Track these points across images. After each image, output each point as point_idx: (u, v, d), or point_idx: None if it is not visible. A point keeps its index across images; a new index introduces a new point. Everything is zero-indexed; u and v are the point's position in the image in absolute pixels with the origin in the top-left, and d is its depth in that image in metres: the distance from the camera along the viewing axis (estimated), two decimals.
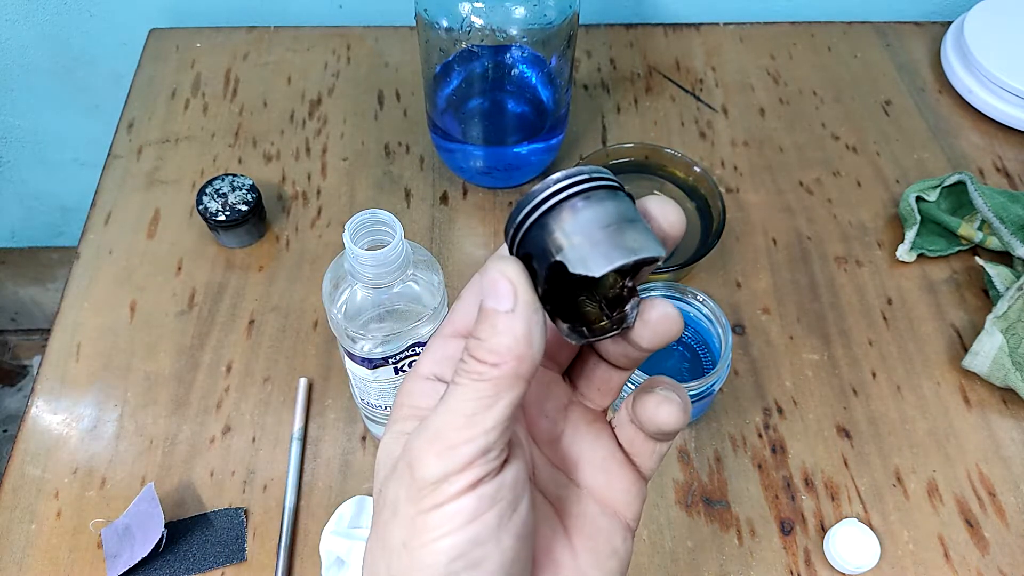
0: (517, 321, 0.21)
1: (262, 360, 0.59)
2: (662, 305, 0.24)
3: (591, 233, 0.21)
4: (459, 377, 0.22)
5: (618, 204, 0.22)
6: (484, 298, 0.22)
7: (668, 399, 0.25)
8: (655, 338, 0.24)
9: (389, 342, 0.44)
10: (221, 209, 0.62)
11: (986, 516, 0.53)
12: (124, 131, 0.73)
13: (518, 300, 0.21)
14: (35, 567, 0.50)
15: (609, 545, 0.26)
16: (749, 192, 0.70)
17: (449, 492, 0.21)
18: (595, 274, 0.21)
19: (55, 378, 0.58)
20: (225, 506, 0.53)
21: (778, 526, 0.53)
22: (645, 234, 0.22)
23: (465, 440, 0.21)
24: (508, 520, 0.22)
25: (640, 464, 0.27)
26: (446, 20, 0.56)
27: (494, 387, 0.21)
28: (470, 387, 0.21)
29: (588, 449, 0.27)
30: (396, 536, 0.22)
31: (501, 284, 0.21)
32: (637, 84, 0.78)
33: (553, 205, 0.22)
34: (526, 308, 0.21)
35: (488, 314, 0.21)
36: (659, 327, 0.24)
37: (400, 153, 0.72)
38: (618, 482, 0.26)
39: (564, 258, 0.21)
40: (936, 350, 0.61)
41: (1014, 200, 0.65)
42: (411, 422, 0.24)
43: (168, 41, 0.80)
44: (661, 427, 0.25)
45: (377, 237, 0.41)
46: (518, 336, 0.21)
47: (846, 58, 0.80)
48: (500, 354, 0.21)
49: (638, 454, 0.27)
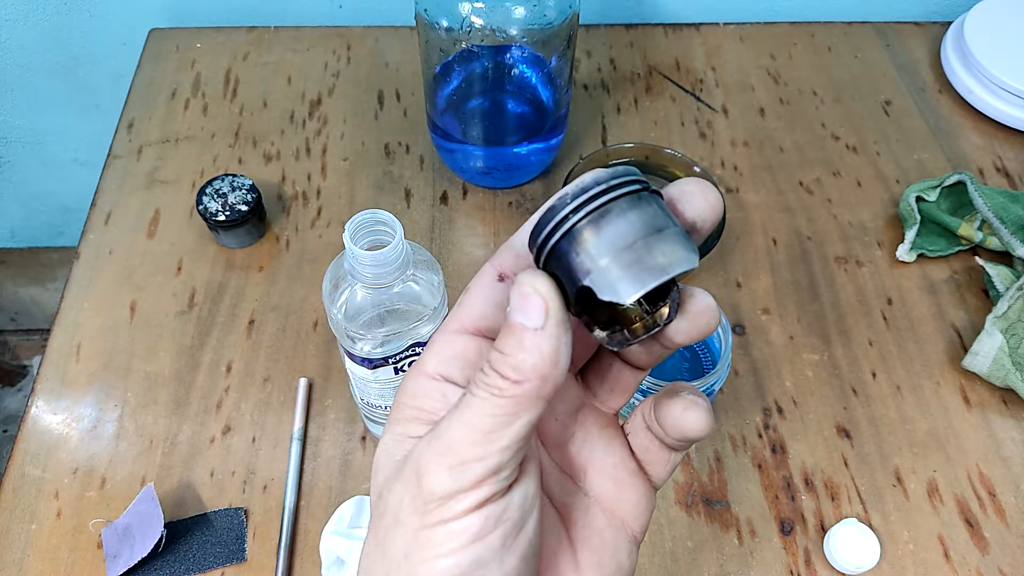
0: (545, 340, 0.20)
1: (262, 360, 0.59)
2: (702, 296, 0.23)
3: (618, 255, 0.20)
4: (477, 389, 0.21)
5: (643, 212, 0.21)
6: (512, 311, 0.21)
7: (695, 404, 0.24)
8: (692, 331, 0.23)
9: (389, 342, 0.44)
10: (221, 209, 0.62)
11: (986, 516, 0.53)
12: (124, 131, 0.73)
13: (549, 318, 0.20)
14: (35, 567, 0.50)
15: (615, 560, 0.25)
16: (749, 192, 0.70)
17: (456, 510, 0.21)
18: (625, 301, 0.20)
19: (55, 378, 0.58)
20: (225, 506, 0.53)
21: (778, 526, 0.53)
22: (675, 243, 0.21)
23: (478, 457, 0.20)
24: (513, 541, 0.21)
25: (652, 473, 0.26)
26: (446, 20, 0.56)
27: (514, 405, 0.20)
28: (488, 402, 0.21)
29: (599, 455, 0.26)
30: (397, 546, 0.21)
31: (533, 300, 0.20)
32: (637, 84, 0.78)
33: (575, 224, 0.21)
34: (556, 327, 0.20)
35: (515, 329, 0.21)
36: (699, 320, 0.23)
37: (400, 153, 0.72)
38: (628, 491, 0.26)
39: (592, 283, 0.20)
40: (936, 350, 0.61)
41: (1014, 200, 0.65)
42: (414, 424, 0.23)
43: (168, 41, 0.80)
44: (687, 433, 0.24)
45: (377, 237, 0.40)
46: (545, 355, 0.20)
47: (846, 58, 0.80)
48: (524, 372, 0.20)
49: (651, 463, 0.26)
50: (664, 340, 0.23)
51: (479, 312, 0.24)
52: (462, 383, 0.23)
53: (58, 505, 0.53)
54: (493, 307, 0.24)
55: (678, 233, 0.21)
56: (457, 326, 0.24)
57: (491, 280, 0.24)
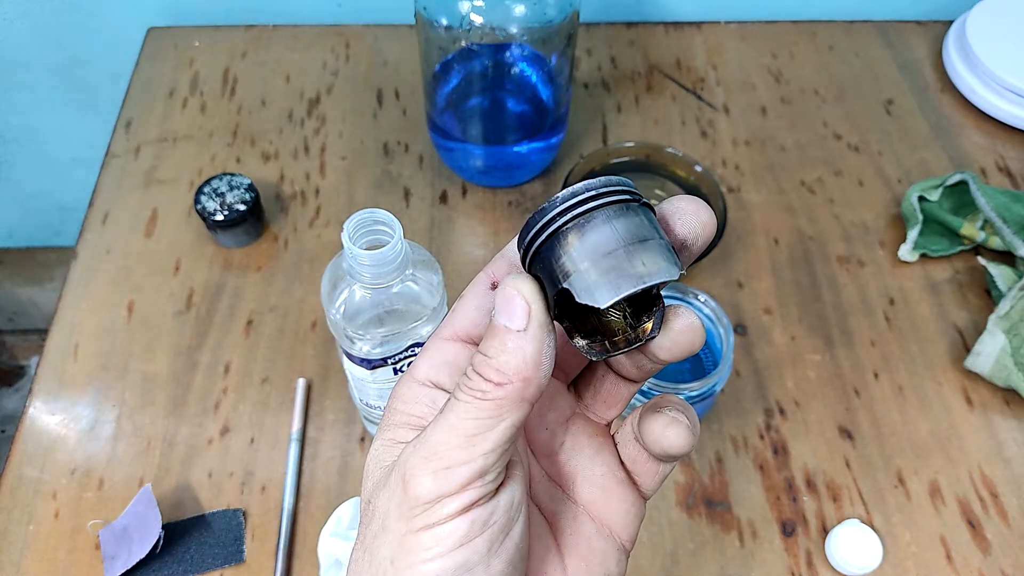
0: (528, 342, 0.20)
1: (260, 361, 0.59)
2: (686, 315, 0.23)
3: (598, 260, 0.21)
4: (461, 393, 0.21)
5: (629, 222, 0.21)
6: (496, 314, 0.21)
7: (676, 421, 0.24)
8: (675, 349, 0.23)
9: (388, 342, 0.44)
10: (219, 209, 0.62)
11: (988, 517, 0.53)
12: (122, 130, 0.72)
13: (531, 320, 0.21)
14: (33, 568, 0.50)
15: (603, 568, 0.25)
16: (751, 192, 0.69)
17: (442, 514, 0.21)
18: (600, 305, 0.20)
19: (53, 379, 0.58)
20: (223, 507, 0.52)
21: (779, 527, 0.53)
22: (657, 254, 0.21)
23: (462, 461, 0.21)
24: (499, 545, 0.21)
25: (641, 484, 0.26)
26: (445, 18, 0.56)
27: (497, 408, 0.21)
28: (472, 405, 0.21)
29: (587, 464, 0.26)
30: (384, 551, 0.21)
31: (516, 302, 0.21)
32: (638, 83, 0.77)
33: (561, 226, 0.21)
34: (539, 329, 0.21)
35: (498, 331, 0.21)
36: (681, 338, 0.23)
37: (399, 152, 0.71)
38: (617, 501, 0.26)
39: (571, 286, 0.21)
40: (938, 350, 0.60)
41: (1016, 200, 0.65)
42: (403, 430, 0.24)
43: (166, 40, 0.79)
44: (667, 450, 0.24)
45: (376, 237, 0.40)
46: (527, 357, 0.20)
47: (848, 57, 0.80)
48: (506, 374, 0.20)
49: (640, 473, 0.26)
50: (649, 355, 0.24)
51: (471, 320, 0.24)
52: (452, 389, 0.23)
53: (56, 506, 0.53)
54: (485, 315, 0.24)
55: (662, 245, 0.21)
56: (449, 333, 0.24)
57: (484, 288, 0.24)
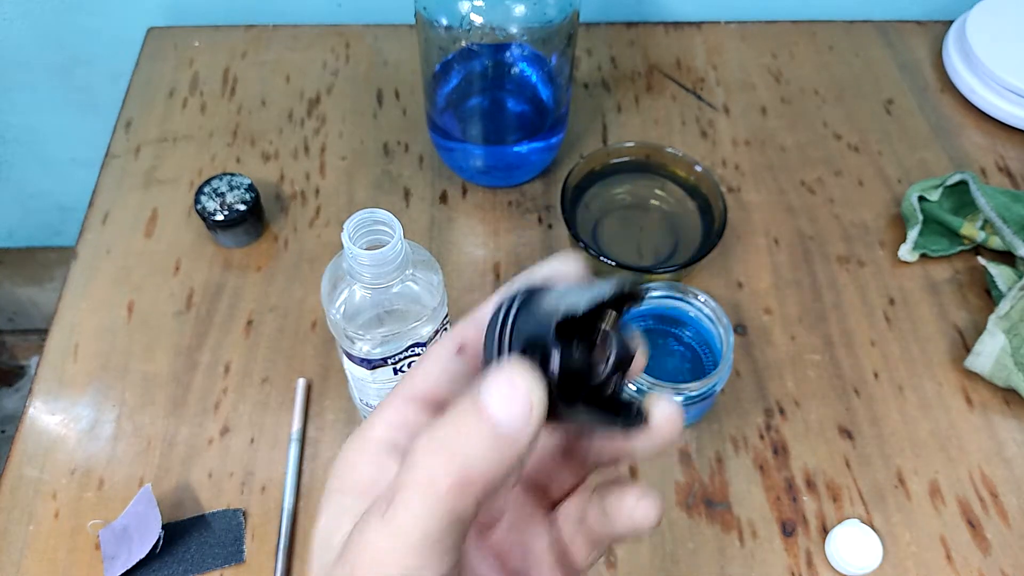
0: (519, 446, 0.19)
1: (260, 361, 0.59)
2: (667, 405, 0.23)
3: (564, 291, 0.22)
4: (406, 490, 0.19)
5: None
6: (491, 408, 0.19)
7: (647, 493, 0.23)
8: (657, 439, 0.23)
9: (388, 343, 0.44)
10: (219, 209, 0.62)
11: (988, 517, 0.53)
12: (122, 130, 0.72)
13: (532, 417, 0.19)
14: (33, 568, 0.50)
15: None
16: (751, 191, 0.69)
17: None
18: (579, 311, 0.21)
19: (53, 379, 0.58)
20: (223, 507, 0.52)
21: (779, 527, 0.53)
22: (615, 279, 0.22)
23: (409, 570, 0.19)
24: None
25: (576, 561, 0.25)
26: (445, 18, 0.56)
27: (448, 507, 0.19)
28: (419, 503, 0.19)
29: (527, 539, 0.25)
30: None
31: (519, 401, 0.19)
32: (638, 83, 0.77)
33: (524, 299, 0.22)
34: (534, 430, 0.19)
35: (487, 428, 0.19)
36: (659, 432, 0.23)
37: (399, 152, 0.71)
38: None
39: (558, 307, 0.21)
40: (938, 350, 0.60)
41: (1016, 200, 0.65)
42: (351, 497, 0.22)
43: (166, 40, 0.79)
44: (640, 524, 0.23)
45: (376, 236, 0.40)
46: (512, 462, 0.19)
47: (848, 57, 0.80)
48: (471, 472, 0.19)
49: (578, 552, 0.25)
50: (626, 449, 0.23)
51: (433, 382, 0.23)
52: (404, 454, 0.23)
53: (56, 506, 0.53)
54: (448, 379, 0.23)
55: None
56: (408, 393, 0.23)
57: (450, 352, 0.24)
